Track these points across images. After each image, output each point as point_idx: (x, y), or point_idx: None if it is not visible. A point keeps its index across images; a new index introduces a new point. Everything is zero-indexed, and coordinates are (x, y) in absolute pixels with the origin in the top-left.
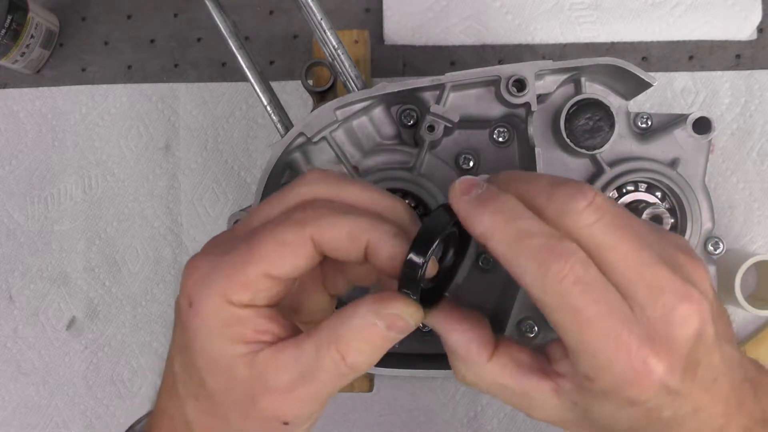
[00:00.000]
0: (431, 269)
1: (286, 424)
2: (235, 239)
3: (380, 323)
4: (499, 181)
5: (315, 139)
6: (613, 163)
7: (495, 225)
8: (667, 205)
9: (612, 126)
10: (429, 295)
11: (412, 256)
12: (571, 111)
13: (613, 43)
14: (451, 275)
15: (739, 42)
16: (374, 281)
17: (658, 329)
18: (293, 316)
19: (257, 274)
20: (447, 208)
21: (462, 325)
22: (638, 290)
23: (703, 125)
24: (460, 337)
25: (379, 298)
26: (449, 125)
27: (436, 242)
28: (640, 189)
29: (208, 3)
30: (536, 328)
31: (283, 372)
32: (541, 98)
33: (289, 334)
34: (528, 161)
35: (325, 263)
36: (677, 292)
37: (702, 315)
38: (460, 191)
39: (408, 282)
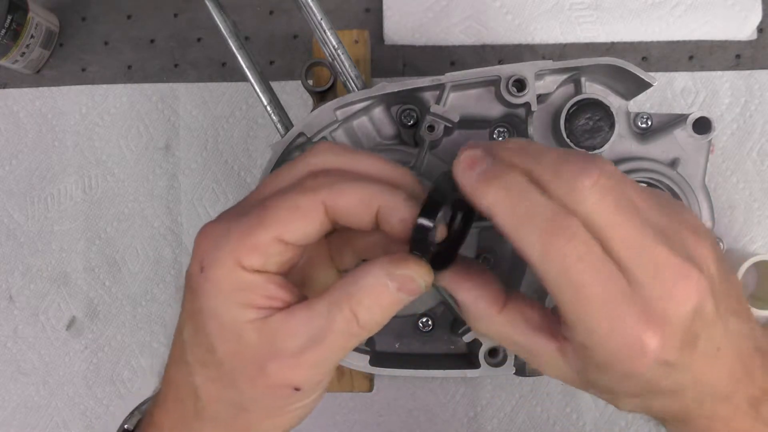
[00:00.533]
0: (441, 233)
1: (297, 390)
2: (248, 206)
3: (392, 284)
4: (507, 152)
5: (315, 139)
6: (613, 163)
7: (499, 202)
8: None
9: (612, 126)
10: (439, 259)
11: (422, 220)
12: (571, 111)
13: (613, 43)
14: (460, 239)
15: (739, 42)
16: (381, 253)
17: (655, 307)
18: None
19: (269, 238)
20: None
21: (470, 282)
22: (637, 269)
23: (703, 125)
24: (468, 294)
25: (392, 259)
26: (449, 125)
27: (444, 207)
28: None
29: (208, 3)
30: None
31: (294, 336)
32: (541, 98)
33: (300, 301)
34: None
35: (333, 237)
36: (675, 271)
37: (700, 292)
38: (464, 166)
39: (419, 245)
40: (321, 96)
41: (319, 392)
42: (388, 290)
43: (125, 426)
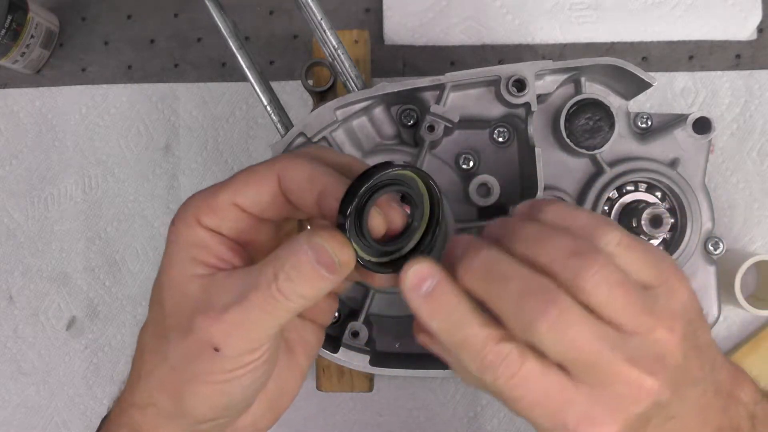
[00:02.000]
0: (377, 223)
1: (216, 350)
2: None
3: (310, 252)
4: (468, 273)
5: (315, 139)
6: (613, 163)
7: (440, 330)
8: (667, 205)
9: (612, 126)
10: (400, 260)
11: (343, 196)
12: (571, 111)
13: (613, 43)
14: (426, 242)
15: (739, 42)
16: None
17: (602, 409)
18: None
19: (225, 201)
20: (397, 165)
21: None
22: (588, 380)
23: (703, 125)
24: None
25: (314, 228)
26: (449, 125)
27: (367, 184)
28: (640, 189)
29: (208, 3)
30: None
31: (225, 293)
32: (541, 98)
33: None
34: (528, 161)
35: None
36: (628, 382)
37: (653, 395)
38: (410, 286)
39: (339, 219)
40: (321, 96)
41: (247, 369)
42: (308, 258)
43: None
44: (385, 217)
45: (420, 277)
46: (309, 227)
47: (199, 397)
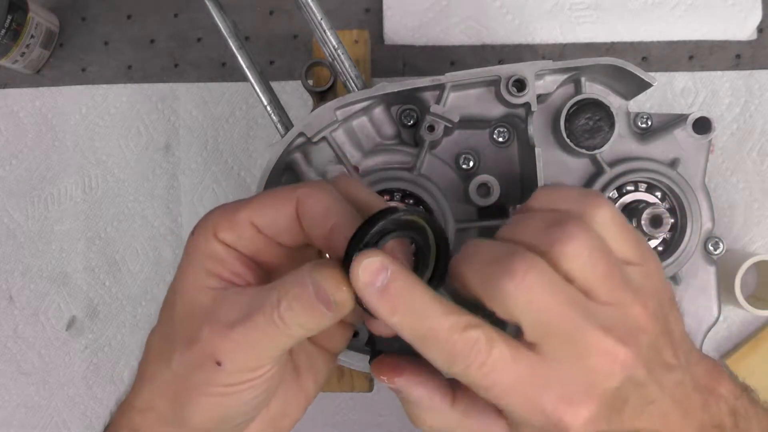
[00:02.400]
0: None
1: (218, 364)
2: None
3: (311, 286)
4: (455, 260)
5: (315, 139)
6: (613, 163)
7: (402, 325)
8: (667, 205)
9: (612, 126)
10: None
11: (352, 237)
12: (571, 111)
13: (613, 43)
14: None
15: (739, 42)
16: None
17: (577, 386)
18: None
19: (244, 219)
20: (411, 212)
21: (422, 376)
22: (557, 352)
23: (703, 125)
24: (423, 390)
25: (317, 263)
26: (449, 125)
27: (376, 228)
28: (640, 189)
29: (208, 3)
30: None
31: (233, 309)
32: (541, 98)
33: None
34: (528, 161)
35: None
36: (599, 351)
37: (627, 367)
38: (364, 283)
39: (345, 261)
40: (321, 96)
41: (246, 386)
42: (308, 291)
43: None
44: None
45: (372, 272)
46: (327, 256)
47: (198, 407)
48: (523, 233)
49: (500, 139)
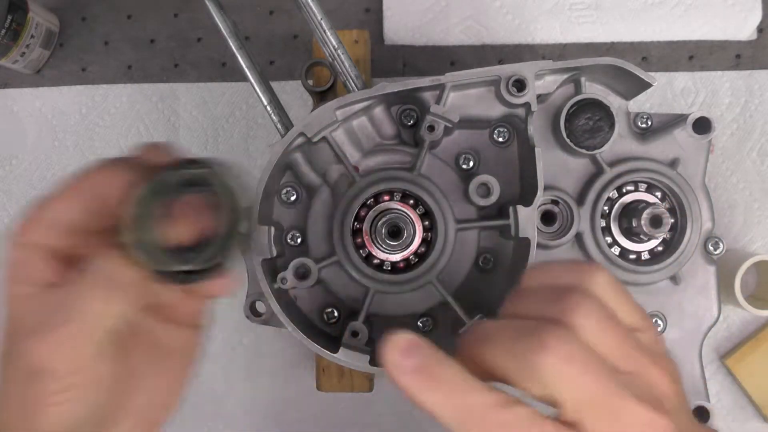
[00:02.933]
0: (166, 233)
1: (44, 372)
2: None
3: (99, 274)
4: (463, 344)
5: (315, 139)
6: (613, 163)
7: (434, 403)
8: (667, 205)
9: (612, 126)
10: (206, 270)
11: (129, 205)
12: (571, 111)
13: (613, 43)
14: (228, 249)
15: (739, 42)
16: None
17: None
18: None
19: (47, 215)
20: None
21: None
22: (600, 427)
23: (703, 125)
24: None
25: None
26: (449, 125)
27: (150, 189)
28: (640, 189)
29: (208, 3)
30: None
31: (48, 311)
32: (541, 98)
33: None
34: (528, 161)
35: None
36: (641, 423)
37: None
38: (393, 364)
39: (121, 236)
40: (321, 96)
41: (81, 389)
42: (99, 280)
43: None
44: (177, 224)
45: (404, 352)
46: None
47: (47, 419)
48: (529, 309)
49: (500, 139)
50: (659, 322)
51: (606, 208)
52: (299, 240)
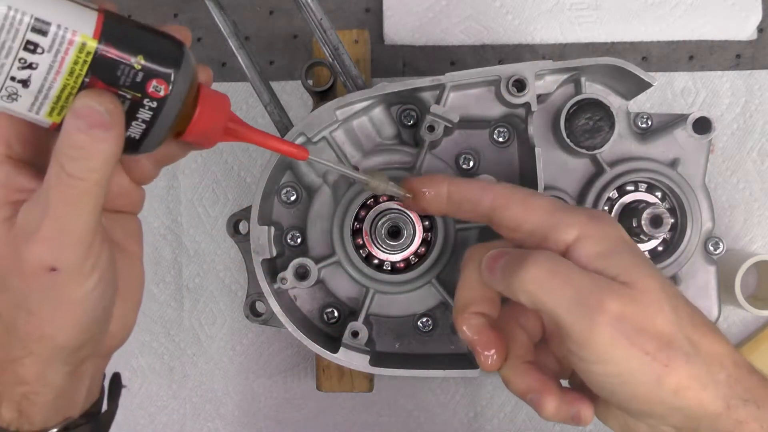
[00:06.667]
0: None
1: (54, 270)
2: None
3: (78, 122)
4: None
5: (315, 139)
6: (613, 163)
7: (539, 278)
8: (667, 205)
9: (612, 126)
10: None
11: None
12: (571, 111)
13: (613, 43)
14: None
15: (739, 42)
16: (180, 153)
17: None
18: None
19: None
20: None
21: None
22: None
23: (703, 125)
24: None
25: (73, 103)
26: (449, 125)
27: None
28: (640, 189)
29: (208, 3)
30: None
31: (33, 213)
32: (541, 98)
33: None
34: (528, 161)
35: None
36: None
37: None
38: (490, 262)
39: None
40: (321, 96)
41: (94, 276)
42: (77, 128)
43: None
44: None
45: (495, 254)
46: None
47: (67, 327)
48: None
49: (500, 139)
50: None
51: (606, 208)
52: (299, 240)
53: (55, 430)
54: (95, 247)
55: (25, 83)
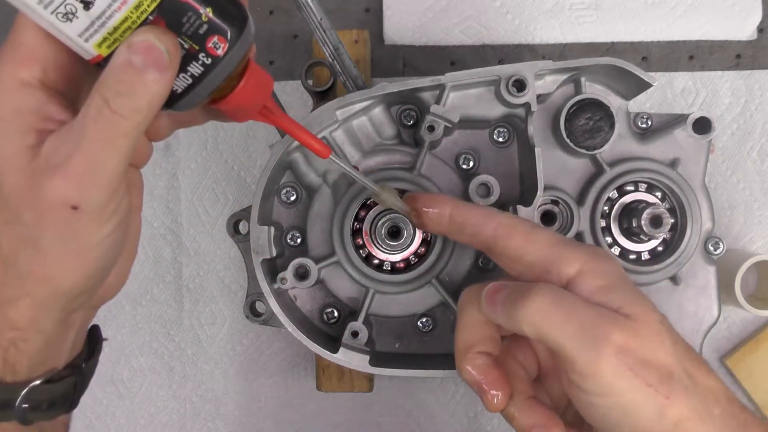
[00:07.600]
0: None
1: (75, 208)
2: None
3: (135, 57)
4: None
5: None
6: (613, 163)
7: (543, 310)
8: (667, 205)
9: (612, 126)
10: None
11: None
12: (571, 111)
13: (613, 43)
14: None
15: (739, 42)
16: (202, 119)
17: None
18: None
19: (33, 35)
20: None
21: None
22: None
23: (703, 125)
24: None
25: (131, 36)
26: (449, 125)
27: None
28: (640, 189)
29: None
30: None
31: (62, 146)
32: (541, 98)
33: None
34: (528, 161)
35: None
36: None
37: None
38: (490, 294)
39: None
40: (321, 96)
41: (113, 221)
42: (132, 65)
43: None
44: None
45: (495, 287)
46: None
47: (75, 270)
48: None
49: (500, 139)
50: None
51: (606, 208)
52: (299, 240)
53: (39, 381)
54: (120, 192)
55: (87, 5)
